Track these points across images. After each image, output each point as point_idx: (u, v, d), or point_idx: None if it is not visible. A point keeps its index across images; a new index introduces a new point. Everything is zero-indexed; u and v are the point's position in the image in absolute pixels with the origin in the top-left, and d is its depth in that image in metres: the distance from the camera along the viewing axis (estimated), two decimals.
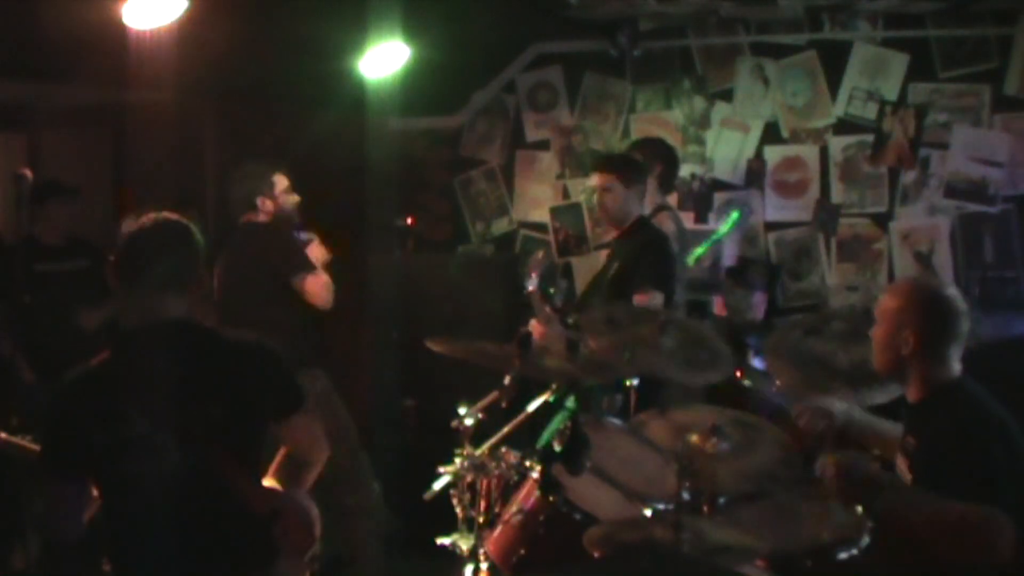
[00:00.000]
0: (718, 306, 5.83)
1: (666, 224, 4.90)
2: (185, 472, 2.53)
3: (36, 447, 2.82)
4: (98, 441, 2.52)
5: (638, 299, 4.34)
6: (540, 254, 4.80)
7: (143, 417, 2.51)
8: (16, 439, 2.99)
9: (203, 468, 2.54)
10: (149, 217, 2.71)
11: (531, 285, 4.56)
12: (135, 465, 2.52)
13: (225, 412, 2.58)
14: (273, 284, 4.40)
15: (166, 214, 2.73)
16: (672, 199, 5.86)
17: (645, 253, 4.49)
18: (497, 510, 3.42)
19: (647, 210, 4.83)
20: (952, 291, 3.01)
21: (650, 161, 4.93)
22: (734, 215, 5.90)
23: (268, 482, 2.79)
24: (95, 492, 2.65)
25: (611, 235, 4.87)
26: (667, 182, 5.24)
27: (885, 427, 3.29)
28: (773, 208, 6.01)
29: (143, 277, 2.64)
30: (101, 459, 2.54)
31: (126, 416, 2.51)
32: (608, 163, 4.78)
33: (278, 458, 2.87)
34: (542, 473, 3.13)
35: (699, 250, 5.68)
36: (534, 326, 4.42)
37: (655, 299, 4.33)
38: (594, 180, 4.64)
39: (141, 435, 2.51)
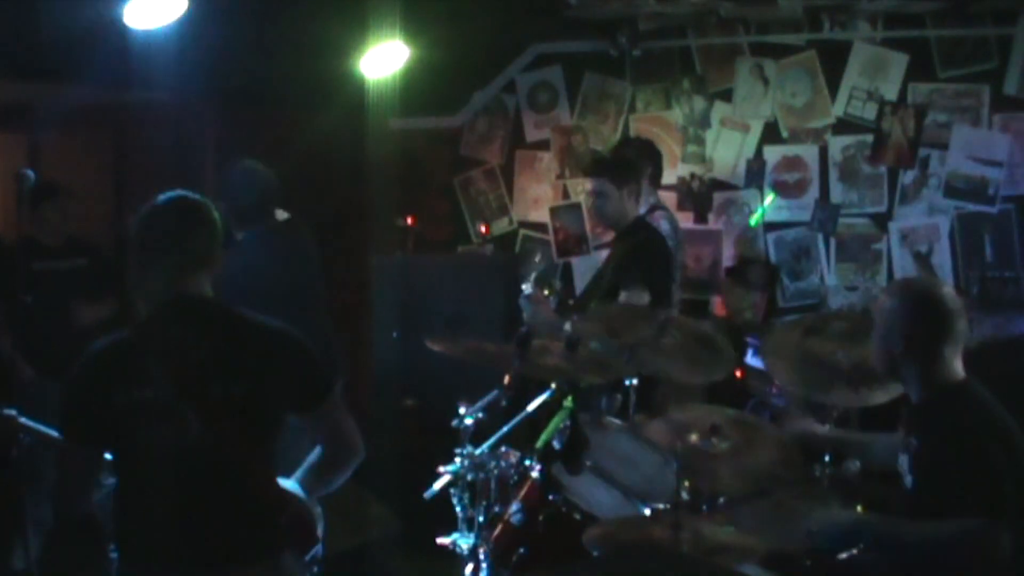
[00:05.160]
0: (718, 306, 5.84)
1: (660, 223, 4.91)
2: (198, 447, 2.52)
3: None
4: (116, 401, 2.53)
5: (624, 297, 4.35)
6: (536, 258, 4.79)
7: (162, 382, 2.52)
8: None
9: (217, 445, 2.53)
10: (167, 196, 2.69)
11: (528, 289, 4.56)
12: (150, 431, 2.52)
13: (244, 392, 2.57)
14: None
15: (182, 192, 2.71)
16: (671, 199, 5.88)
17: (637, 252, 4.50)
18: (497, 510, 3.43)
19: (642, 210, 4.83)
20: (946, 290, 2.97)
21: (641, 162, 4.93)
22: (761, 210, 5.94)
23: (288, 482, 2.78)
24: (110, 471, 2.66)
25: (609, 236, 4.87)
26: (656, 181, 5.26)
27: (852, 437, 3.33)
28: (773, 208, 6.01)
29: (167, 255, 2.63)
30: (118, 420, 2.54)
31: (145, 378, 2.52)
32: (598, 166, 4.74)
33: (307, 461, 2.86)
34: (542, 473, 3.14)
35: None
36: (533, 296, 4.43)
37: (641, 297, 4.33)
38: (587, 185, 4.62)
39: (158, 399, 2.52)
